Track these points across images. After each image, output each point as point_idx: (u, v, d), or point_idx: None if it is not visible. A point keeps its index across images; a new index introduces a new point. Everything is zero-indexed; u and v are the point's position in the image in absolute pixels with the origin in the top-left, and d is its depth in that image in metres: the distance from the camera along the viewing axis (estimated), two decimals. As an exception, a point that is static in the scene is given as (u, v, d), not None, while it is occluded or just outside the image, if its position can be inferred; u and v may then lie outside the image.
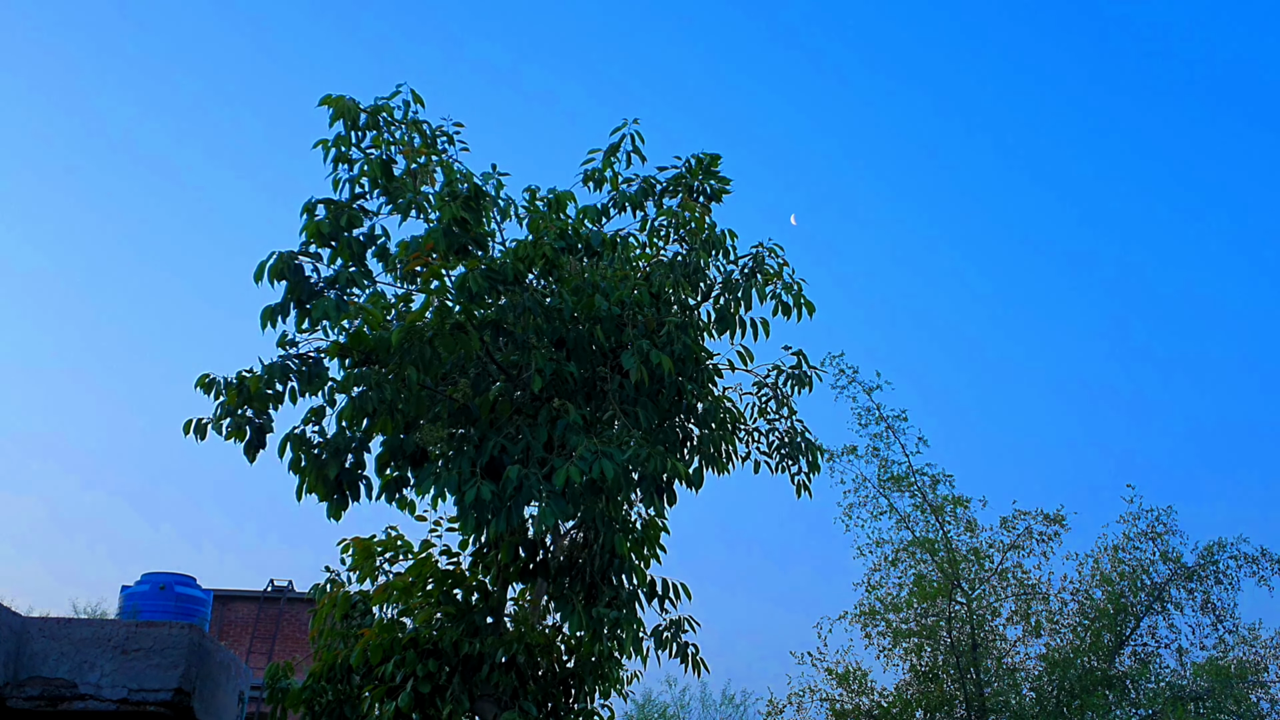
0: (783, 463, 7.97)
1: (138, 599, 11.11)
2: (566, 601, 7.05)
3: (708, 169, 8.20)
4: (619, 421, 7.00)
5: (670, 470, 6.75)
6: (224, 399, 6.82)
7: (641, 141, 8.15)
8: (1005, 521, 17.24)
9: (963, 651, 16.24)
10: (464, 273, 6.66)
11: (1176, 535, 16.96)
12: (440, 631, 7.34)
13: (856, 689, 16.77)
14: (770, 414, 8.04)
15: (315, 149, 7.43)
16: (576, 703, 7.74)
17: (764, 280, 7.68)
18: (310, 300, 7.00)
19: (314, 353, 7.06)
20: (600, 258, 7.58)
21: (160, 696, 4.45)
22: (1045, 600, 16.94)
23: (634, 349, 6.80)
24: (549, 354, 6.99)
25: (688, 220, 7.78)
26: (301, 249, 7.15)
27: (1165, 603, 16.75)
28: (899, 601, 16.93)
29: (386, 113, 7.49)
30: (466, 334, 6.79)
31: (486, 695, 7.17)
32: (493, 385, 7.35)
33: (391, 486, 7.22)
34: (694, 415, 7.64)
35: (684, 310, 7.64)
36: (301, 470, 6.94)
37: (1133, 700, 16.03)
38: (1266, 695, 16.04)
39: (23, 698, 4.39)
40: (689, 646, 7.27)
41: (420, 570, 7.73)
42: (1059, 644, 16.63)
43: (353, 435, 7.06)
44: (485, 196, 7.24)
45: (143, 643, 4.53)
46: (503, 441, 6.79)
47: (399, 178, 7.42)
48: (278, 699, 7.62)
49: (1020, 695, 16.26)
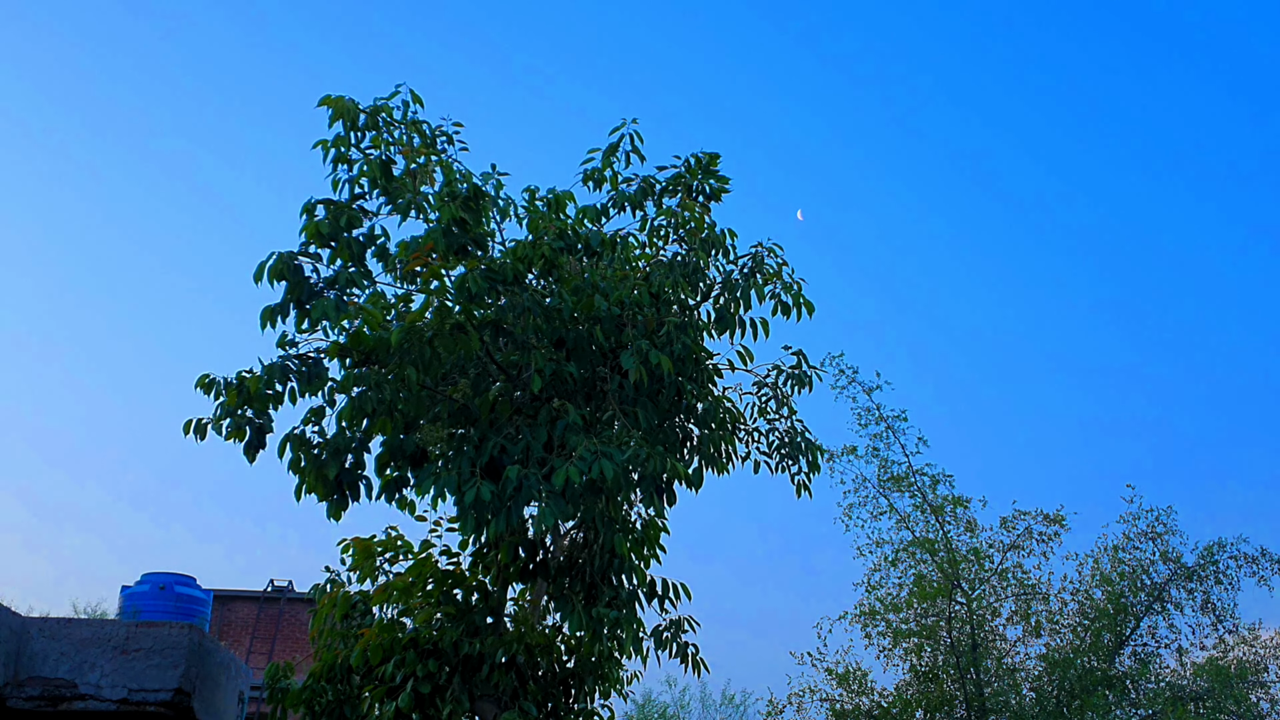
0: (783, 463, 7.98)
1: (138, 599, 11.10)
2: (566, 601, 7.05)
3: (707, 168, 8.21)
4: (619, 422, 6.99)
5: (670, 470, 6.75)
6: (224, 399, 6.82)
7: (640, 141, 8.18)
8: (1005, 521, 17.25)
9: (963, 651, 16.24)
10: (463, 273, 6.66)
11: (1176, 535, 17.00)
12: (440, 632, 7.34)
13: (856, 689, 16.77)
14: (770, 414, 8.04)
15: (315, 149, 7.44)
16: (576, 703, 7.74)
17: (764, 280, 7.68)
18: (310, 300, 7.00)
19: (314, 353, 7.06)
20: (600, 258, 7.58)
21: (160, 696, 4.45)
22: (1045, 600, 16.95)
23: (633, 349, 6.80)
24: (549, 354, 6.99)
25: (687, 220, 7.78)
26: (301, 249, 7.15)
27: (1165, 603, 16.75)
28: (899, 601, 16.94)
29: (386, 113, 7.49)
30: (466, 334, 6.79)
31: (486, 695, 7.17)
32: (492, 385, 7.35)
33: (391, 486, 7.22)
34: (694, 415, 7.64)
35: (684, 310, 7.64)
36: (301, 470, 6.94)
37: (1133, 700, 16.03)
38: (1266, 695, 16.05)
39: (23, 698, 4.39)
40: (689, 646, 7.27)
41: (420, 570, 7.73)
42: (1059, 644, 16.63)
43: (352, 435, 7.06)
44: (485, 196, 7.24)
45: (143, 643, 4.53)
46: (503, 442, 6.79)
47: (398, 178, 7.42)
48: (278, 699, 7.62)
49: (1020, 695, 16.25)
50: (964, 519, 17.17)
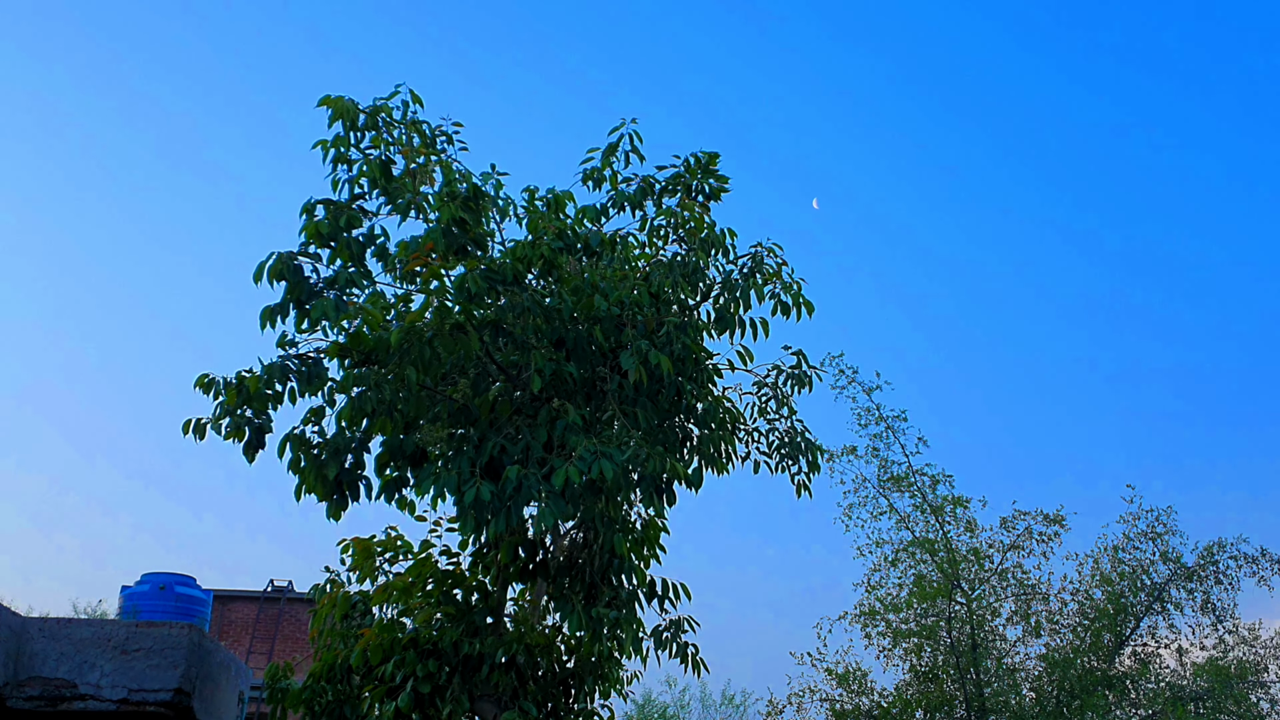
0: (783, 463, 7.98)
1: (138, 599, 11.12)
2: (566, 601, 7.05)
3: (706, 168, 8.21)
4: (618, 422, 7.00)
5: (670, 470, 6.75)
6: (223, 399, 6.83)
7: (640, 141, 8.17)
8: (1005, 521, 17.27)
9: (963, 651, 16.24)
10: (463, 273, 6.67)
11: (1176, 535, 17.01)
12: (440, 632, 7.34)
13: (856, 689, 16.77)
14: (770, 414, 8.04)
15: (314, 149, 7.44)
16: (576, 703, 7.74)
17: (763, 280, 7.68)
18: (310, 300, 7.00)
19: (313, 353, 7.07)
20: (599, 258, 7.59)
21: (160, 697, 4.45)
22: (1045, 600, 16.95)
23: (633, 349, 6.80)
24: (548, 354, 6.99)
25: (687, 220, 7.78)
26: (301, 249, 7.15)
27: (1165, 603, 16.76)
28: (899, 602, 16.94)
29: (385, 113, 7.49)
30: (466, 334, 6.79)
31: (486, 695, 7.18)
32: (492, 385, 7.35)
33: (391, 487, 7.22)
34: (694, 415, 7.64)
35: (683, 310, 7.65)
36: (301, 470, 6.95)
37: (1133, 700, 16.04)
38: (1266, 695, 16.06)
39: (23, 698, 4.39)
40: (689, 646, 7.28)
41: (420, 570, 7.73)
42: (1059, 644, 16.64)
43: (352, 435, 7.06)
44: (484, 196, 7.24)
45: (143, 643, 4.53)
46: (502, 442, 6.79)
47: (398, 178, 7.42)
48: (278, 699, 7.62)
49: (1020, 695, 16.26)
50: (964, 519, 17.20)
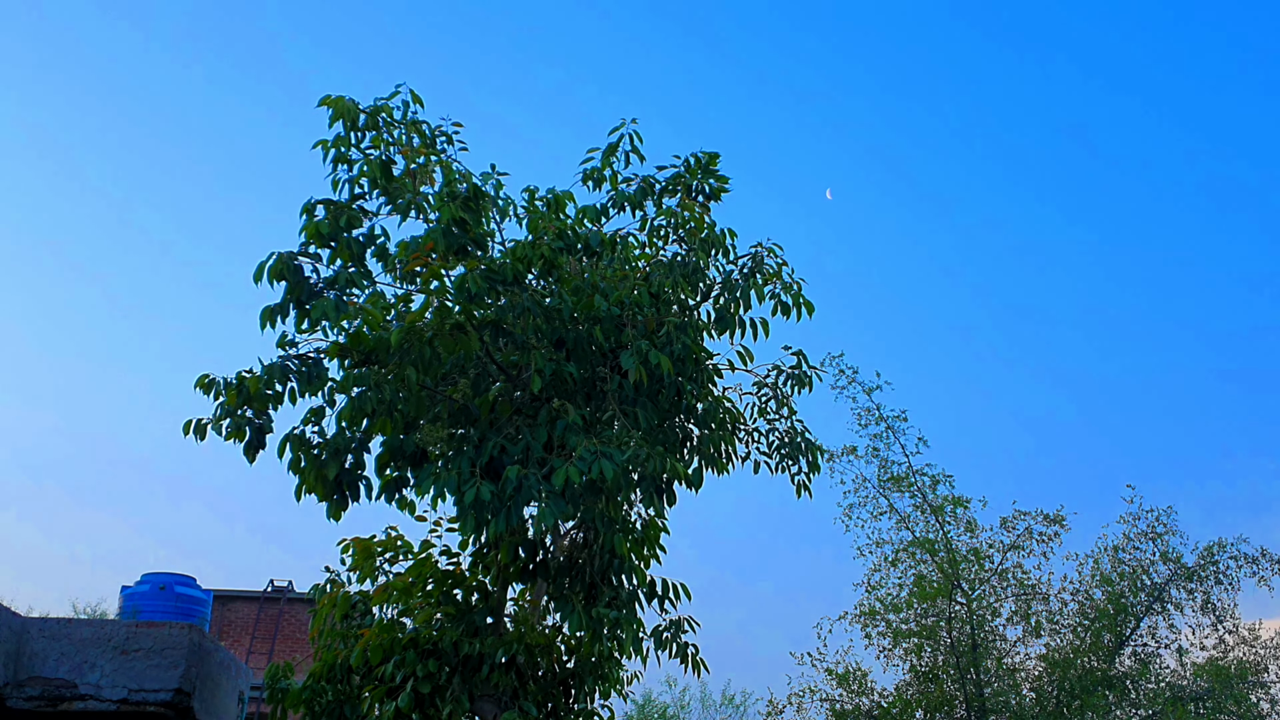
0: (783, 463, 7.98)
1: (138, 599, 11.11)
2: (566, 601, 7.05)
3: (706, 168, 8.21)
4: (619, 422, 7.00)
5: (670, 470, 6.75)
6: (224, 399, 6.83)
7: (640, 141, 8.18)
8: (1005, 522, 17.27)
9: (963, 652, 16.24)
10: (463, 273, 6.67)
11: (1176, 535, 17.01)
12: (440, 632, 7.34)
13: (856, 689, 16.78)
14: (770, 414, 8.05)
15: (315, 149, 7.44)
16: (576, 703, 7.74)
17: (763, 280, 7.69)
18: (310, 301, 7.00)
19: (314, 353, 7.07)
20: (599, 258, 7.59)
21: (160, 697, 4.45)
22: (1045, 600, 16.96)
23: (633, 349, 6.80)
24: (549, 354, 6.99)
25: (687, 220, 7.79)
26: (301, 249, 7.15)
27: (1165, 603, 16.77)
28: (899, 602, 16.94)
29: (386, 113, 7.49)
30: (466, 334, 6.79)
31: (486, 695, 7.18)
32: (492, 385, 7.35)
33: (391, 487, 7.22)
34: (694, 415, 7.64)
35: (683, 310, 7.65)
36: (301, 470, 6.95)
37: (1133, 700, 16.04)
38: (1266, 695, 16.07)
39: (23, 698, 4.39)
40: (689, 647, 7.28)
41: (420, 570, 7.74)
42: (1059, 644, 16.64)
43: (352, 435, 7.06)
44: (484, 196, 7.24)
45: (143, 643, 4.53)
46: (502, 442, 6.80)
47: (398, 178, 7.42)
48: (278, 699, 7.62)
49: (1020, 695, 16.26)
50: (964, 519, 17.21)
